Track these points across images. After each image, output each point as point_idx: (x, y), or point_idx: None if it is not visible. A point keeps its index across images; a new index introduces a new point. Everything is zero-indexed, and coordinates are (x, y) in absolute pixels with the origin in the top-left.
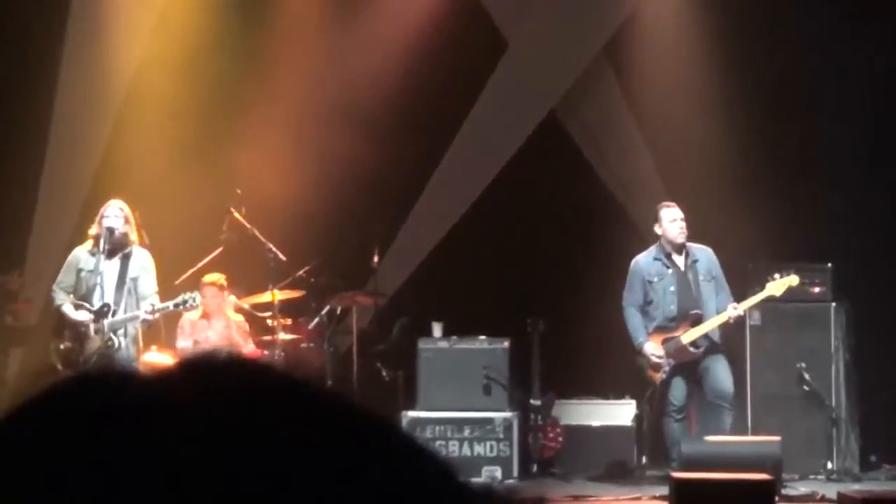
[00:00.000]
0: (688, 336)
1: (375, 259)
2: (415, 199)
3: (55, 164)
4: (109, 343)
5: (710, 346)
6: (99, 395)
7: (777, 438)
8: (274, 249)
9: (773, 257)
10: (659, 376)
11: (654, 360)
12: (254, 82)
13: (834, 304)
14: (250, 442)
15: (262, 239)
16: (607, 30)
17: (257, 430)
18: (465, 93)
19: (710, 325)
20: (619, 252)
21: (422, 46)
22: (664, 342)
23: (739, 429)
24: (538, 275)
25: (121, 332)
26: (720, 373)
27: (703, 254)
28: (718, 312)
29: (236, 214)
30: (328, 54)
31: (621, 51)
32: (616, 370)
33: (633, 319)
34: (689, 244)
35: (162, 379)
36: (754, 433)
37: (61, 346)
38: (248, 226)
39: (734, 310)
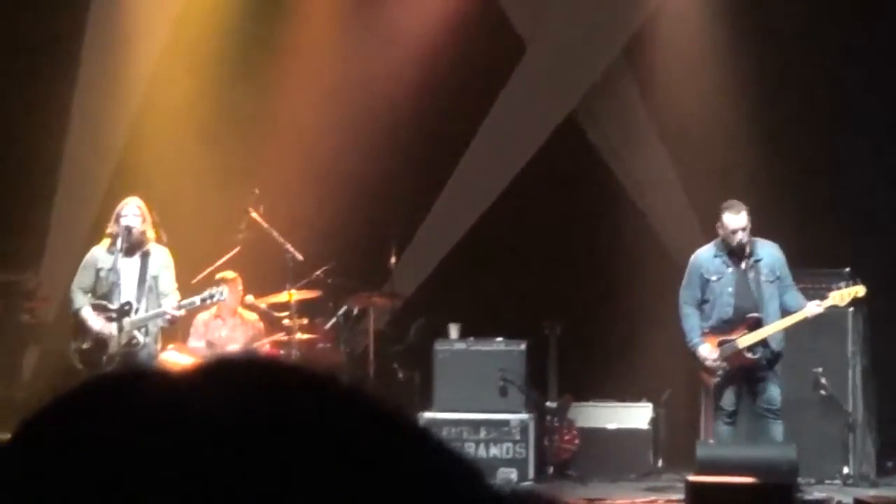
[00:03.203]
0: (744, 340)
1: (392, 260)
2: (432, 200)
3: (73, 162)
4: (134, 342)
5: (769, 354)
6: (125, 395)
7: (793, 443)
8: (291, 249)
9: (796, 263)
10: (713, 380)
11: (709, 363)
12: (273, 81)
13: (851, 309)
14: (276, 441)
15: (280, 239)
16: (626, 31)
17: (283, 430)
18: (484, 95)
19: (771, 329)
20: (637, 255)
21: (440, 49)
22: (719, 344)
23: None
24: (555, 277)
25: (143, 329)
26: (773, 384)
27: (768, 251)
28: (786, 313)
29: (254, 214)
30: (347, 55)
31: (640, 52)
32: (632, 373)
33: (690, 319)
34: (754, 239)
35: (186, 379)
36: None
37: (83, 346)
38: (266, 225)
39: (817, 307)
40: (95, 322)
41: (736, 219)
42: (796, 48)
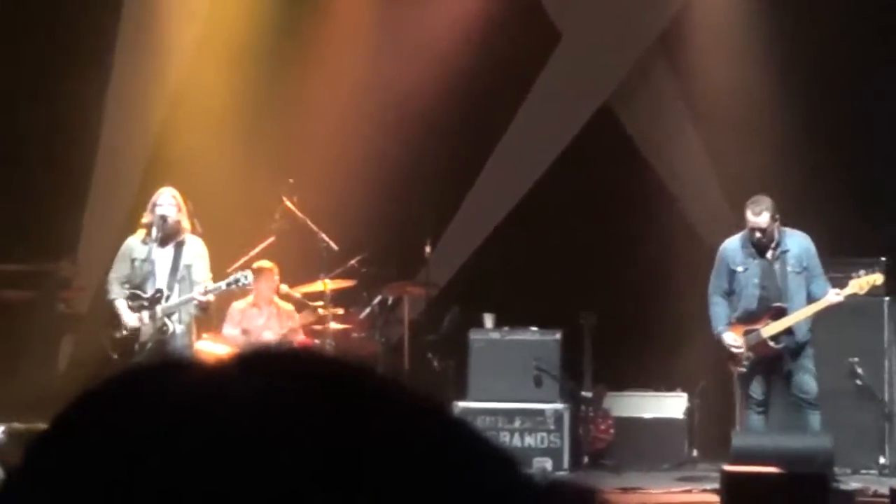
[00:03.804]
0: (768, 330)
1: (427, 249)
2: (467, 189)
3: (108, 152)
4: (164, 328)
5: (793, 343)
6: (158, 386)
7: (829, 433)
8: (326, 238)
9: (829, 252)
10: (738, 369)
11: (733, 350)
12: (306, 71)
13: (887, 298)
14: (311, 433)
15: (314, 228)
16: (662, 20)
17: (317, 421)
18: (519, 83)
19: (794, 318)
20: (672, 244)
21: (475, 37)
22: (745, 334)
23: None
24: (590, 266)
25: (175, 317)
26: (803, 372)
27: (797, 242)
28: (812, 301)
29: (288, 203)
30: (381, 43)
31: (676, 41)
32: (668, 362)
33: (716, 307)
34: (783, 230)
35: (221, 369)
36: None
37: (115, 335)
38: (300, 215)
39: (836, 296)
40: (130, 318)
41: (755, 219)
42: (832, 33)
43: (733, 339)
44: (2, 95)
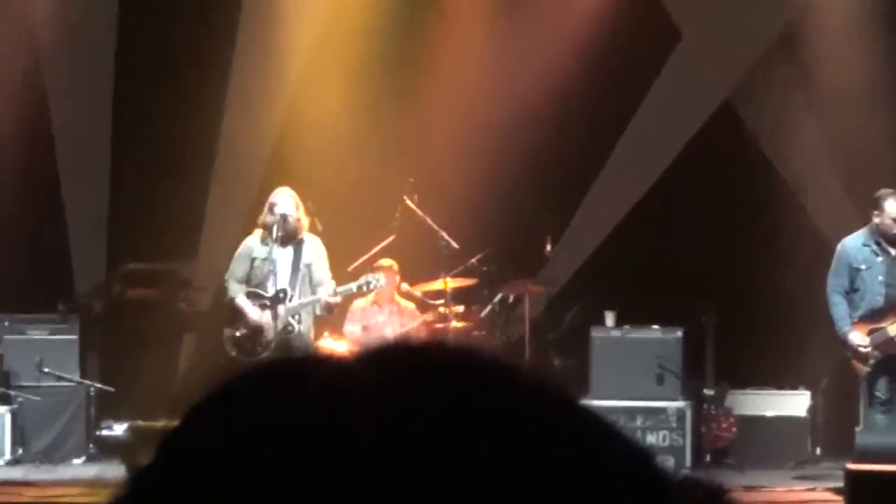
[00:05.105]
0: (895, 328)
1: (548, 248)
2: (587, 187)
3: (227, 152)
4: (289, 328)
5: None
6: (287, 382)
7: None
8: (446, 237)
9: None
10: (865, 368)
11: (861, 350)
12: (425, 71)
13: None
14: (442, 427)
15: (435, 227)
16: (783, 17)
17: (447, 415)
18: (639, 82)
19: None
20: (793, 243)
21: (595, 36)
22: (870, 333)
23: None
24: (711, 264)
25: (297, 316)
26: None
27: None
28: None
29: (409, 202)
30: (501, 44)
31: (797, 38)
32: (790, 360)
33: (838, 307)
34: None
35: (351, 366)
36: None
37: (236, 334)
38: (421, 214)
39: None
40: (252, 311)
41: None
42: None
43: (860, 338)
44: (128, 107)
